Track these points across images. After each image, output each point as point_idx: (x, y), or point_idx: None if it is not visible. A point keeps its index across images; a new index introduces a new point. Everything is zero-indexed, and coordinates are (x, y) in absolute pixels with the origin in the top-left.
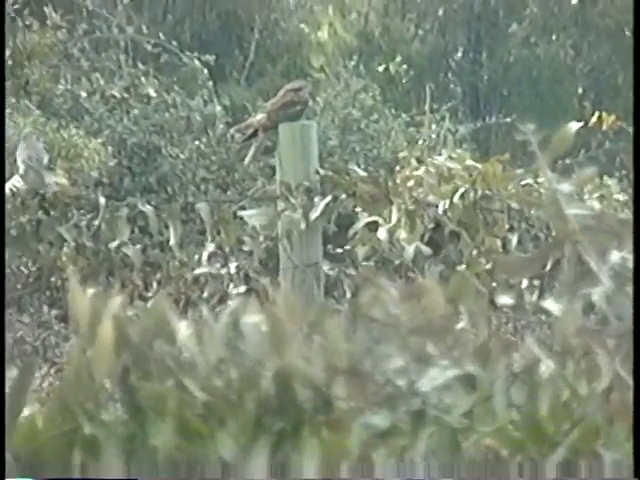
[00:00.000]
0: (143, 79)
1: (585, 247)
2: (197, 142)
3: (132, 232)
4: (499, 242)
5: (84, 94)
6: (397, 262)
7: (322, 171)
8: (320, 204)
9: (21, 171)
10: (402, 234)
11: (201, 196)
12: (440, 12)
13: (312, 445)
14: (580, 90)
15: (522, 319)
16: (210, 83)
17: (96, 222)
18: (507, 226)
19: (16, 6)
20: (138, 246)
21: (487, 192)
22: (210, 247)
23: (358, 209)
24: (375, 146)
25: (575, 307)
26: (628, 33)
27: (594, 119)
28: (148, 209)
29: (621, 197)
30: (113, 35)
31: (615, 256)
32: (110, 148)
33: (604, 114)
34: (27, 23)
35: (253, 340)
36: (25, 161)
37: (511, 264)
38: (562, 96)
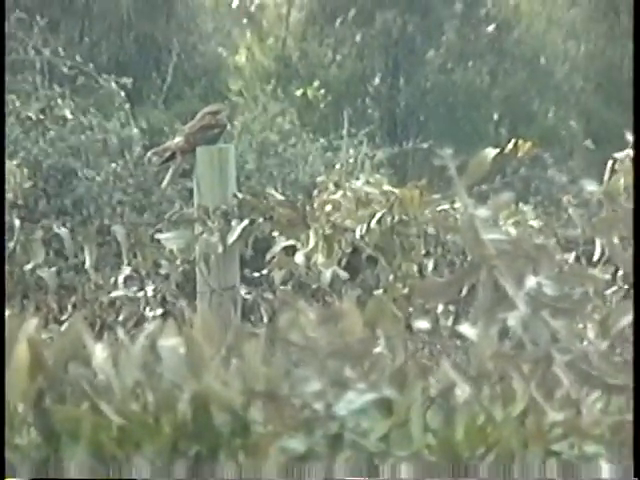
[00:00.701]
0: (59, 101)
1: (501, 272)
2: (114, 165)
3: (47, 254)
4: (415, 267)
5: None
6: (314, 286)
7: (240, 195)
8: (237, 228)
9: None
10: (319, 258)
11: (117, 219)
12: (358, 38)
13: (229, 469)
14: (496, 116)
15: (438, 344)
16: (127, 106)
17: (11, 244)
18: (423, 251)
19: None
20: (53, 269)
21: (404, 217)
22: (126, 270)
23: (275, 233)
24: (293, 170)
25: (491, 332)
26: (543, 60)
27: (510, 145)
28: (63, 231)
29: (536, 223)
30: (29, 57)
31: (531, 281)
32: (25, 170)
33: (520, 141)
34: None
35: (170, 363)
36: None
37: (427, 289)
38: (478, 122)
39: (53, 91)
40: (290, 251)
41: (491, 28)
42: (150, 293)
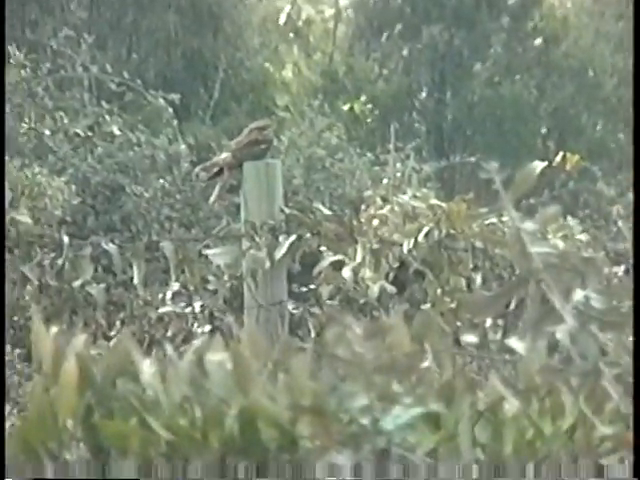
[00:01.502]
0: (107, 117)
1: (549, 286)
2: (161, 180)
3: (96, 271)
4: (463, 281)
5: (48, 132)
6: (362, 301)
7: (287, 210)
8: (285, 243)
9: None
10: (367, 273)
11: (165, 235)
12: (405, 52)
13: None
14: (544, 130)
15: (486, 358)
16: (175, 122)
17: (59, 261)
18: (471, 265)
19: None
20: (102, 285)
21: (451, 231)
22: (174, 286)
23: (323, 248)
24: (340, 185)
25: (539, 345)
26: (591, 73)
27: (558, 159)
28: (112, 248)
29: (583, 237)
30: (77, 74)
31: (578, 294)
32: (74, 187)
33: (568, 154)
34: None
35: (218, 378)
36: None
37: (475, 303)
38: (526, 136)
39: (101, 108)
40: (337, 266)
41: (539, 41)
42: (198, 309)
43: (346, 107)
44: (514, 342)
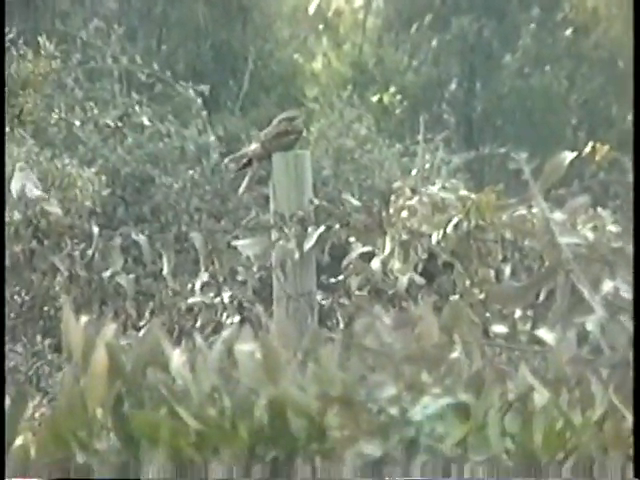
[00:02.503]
0: (137, 108)
1: (578, 276)
2: (191, 172)
3: (125, 261)
4: (492, 272)
5: (78, 123)
6: (391, 292)
7: (316, 201)
8: (314, 234)
9: (14, 200)
10: (396, 264)
11: (195, 226)
12: (434, 43)
13: (306, 474)
14: (574, 121)
15: (516, 349)
16: (204, 113)
17: (89, 251)
18: (500, 256)
19: (11, 35)
20: (131, 275)
21: (481, 222)
22: (204, 276)
23: (352, 239)
24: (369, 176)
25: (569, 336)
26: (621, 64)
27: (588, 149)
28: (141, 238)
29: (614, 228)
30: (107, 65)
31: (608, 285)
32: (104, 177)
33: (598, 144)
34: (21, 52)
35: (247, 368)
36: (18, 192)
37: (504, 294)
38: (556, 127)
39: (131, 99)
40: (366, 257)
41: (569, 32)
42: (227, 300)
43: (375, 98)
44: (544, 333)
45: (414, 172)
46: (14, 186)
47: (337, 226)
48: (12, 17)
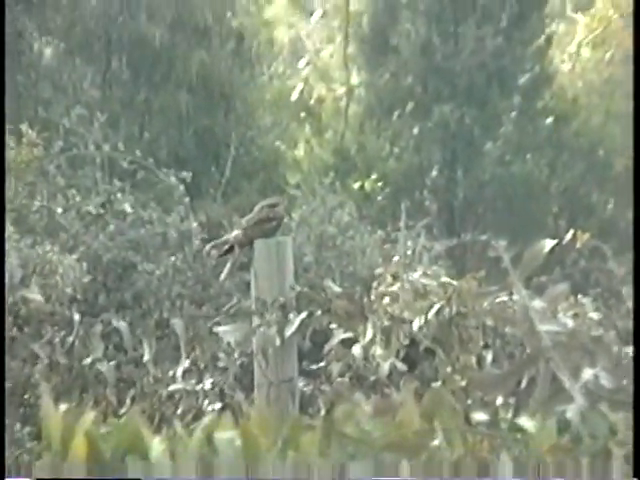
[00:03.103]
0: (119, 195)
1: (558, 364)
2: (173, 258)
3: (106, 348)
4: (474, 359)
5: (60, 210)
6: (372, 378)
7: (297, 287)
8: (295, 320)
9: None
10: (377, 350)
11: (176, 312)
12: (415, 130)
13: None
14: (555, 208)
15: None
16: (186, 199)
17: (70, 338)
18: (482, 343)
19: None
20: (112, 362)
21: (462, 309)
22: (185, 363)
23: (333, 325)
24: (351, 262)
25: (549, 425)
26: (602, 152)
27: (568, 237)
28: (122, 325)
29: (595, 316)
30: (89, 152)
31: (588, 373)
32: (85, 264)
33: (578, 232)
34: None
35: (227, 456)
36: None
37: (486, 381)
38: (537, 214)
39: (113, 186)
40: (348, 343)
41: (549, 120)
42: (208, 386)
43: (357, 185)
44: (524, 421)
45: (396, 259)
46: None
47: (319, 312)
48: None
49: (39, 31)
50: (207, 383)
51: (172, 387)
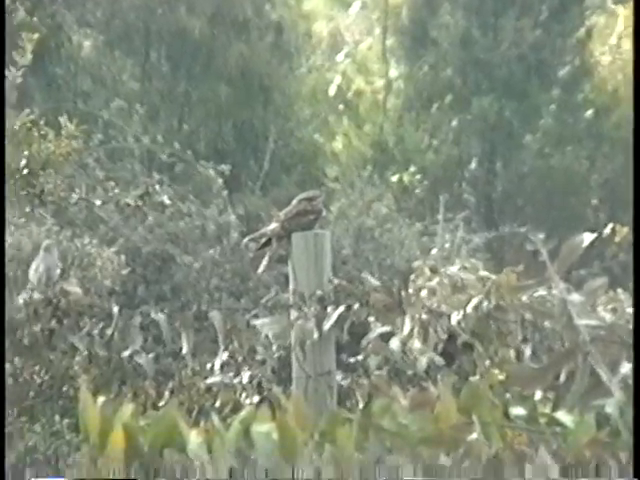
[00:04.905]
0: (158, 188)
1: (596, 358)
2: (211, 251)
3: (145, 341)
4: (513, 353)
5: (99, 203)
6: (410, 372)
7: (335, 280)
8: (333, 313)
9: (35, 281)
10: (415, 344)
11: (215, 304)
12: (454, 123)
13: None
14: (595, 201)
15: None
16: (225, 192)
17: (109, 331)
18: (520, 337)
19: (32, 117)
20: (151, 355)
21: (501, 303)
22: (223, 356)
23: (371, 319)
24: (389, 255)
25: (587, 419)
26: None
27: (607, 230)
28: (161, 317)
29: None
30: (128, 145)
31: (626, 367)
32: (123, 257)
33: (617, 226)
34: (42, 133)
35: (264, 449)
36: (40, 272)
37: (524, 375)
38: (577, 207)
39: (152, 178)
40: (386, 337)
41: (589, 112)
42: (246, 379)
43: (395, 178)
44: (563, 415)
45: (434, 251)
46: (35, 266)
47: (357, 305)
48: (34, 98)
49: (78, 24)
50: (245, 376)
51: (210, 380)
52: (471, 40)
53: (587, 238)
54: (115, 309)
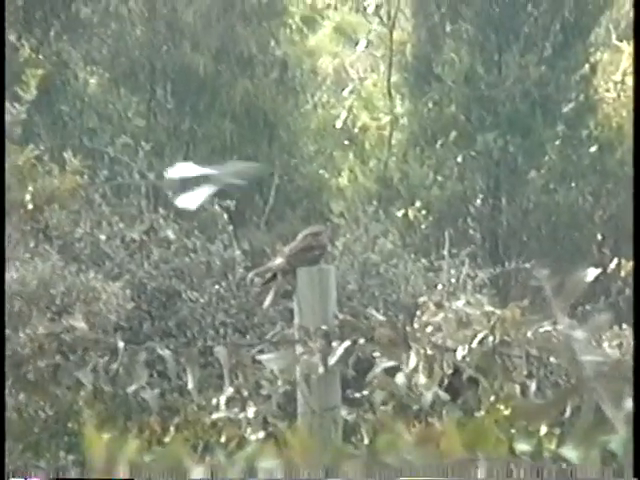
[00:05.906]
0: (163, 223)
1: (600, 394)
2: (217, 286)
3: (150, 376)
4: (518, 388)
5: (104, 238)
6: (415, 407)
7: (341, 315)
8: (339, 349)
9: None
10: (420, 379)
11: (220, 340)
12: (459, 159)
13: None
14: (599, 237)
15: (541, 467)
16: (230, 227)
17: (114, 366)
18: (526, 372)
19: (36, 152)
20: (156, 390)
21: (506, 338)
22: (228, 391)
23: (376, 354)
24: (394, 290)
25: (592, 455)
26: None
27: (612, 265)
28: (166, 353)
29: None
30: (134, 181)
31: (630, 404)
32: (128, 291)
33: (623, 261)
34: (47, 169)
35: None
36: None
37: (530, 411)
38: (581, 242)
39: (157, 214)
40: (391, 372)
41: (594, 149)
42: (251, 414)
43: (400, 213)
44: (567, 451)
45: (439, 287)
46: None
47: (362, 340)
48: (39, 135)
49: (84, 61)
50: (250, 411)
51: (215, 415)
52: (475, 76)
53: (591, 273)
54: (120, 344)
